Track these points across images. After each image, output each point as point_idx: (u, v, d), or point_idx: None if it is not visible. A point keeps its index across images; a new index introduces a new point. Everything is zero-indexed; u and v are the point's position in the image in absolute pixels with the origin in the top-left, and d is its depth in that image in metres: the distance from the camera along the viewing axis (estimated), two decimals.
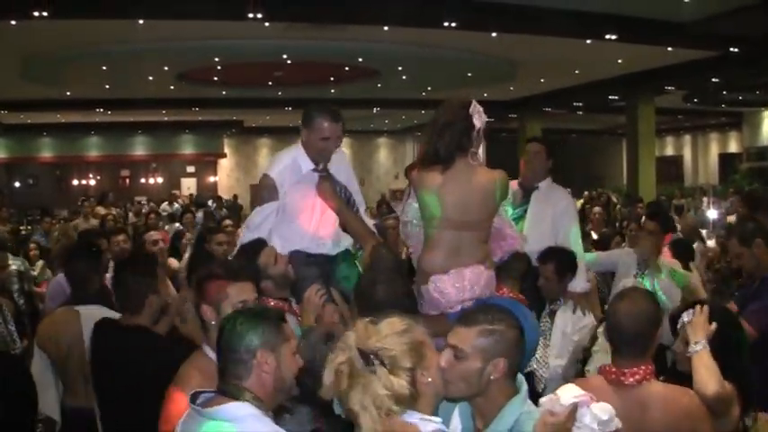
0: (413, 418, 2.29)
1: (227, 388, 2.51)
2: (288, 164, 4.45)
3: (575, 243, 5.52)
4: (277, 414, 2.68)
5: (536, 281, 5.10)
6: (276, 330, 2.55)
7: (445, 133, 4.11)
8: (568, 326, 5.07)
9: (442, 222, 4.13)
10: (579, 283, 5.23)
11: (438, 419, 2.36)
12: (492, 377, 2.54)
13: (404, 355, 2.31)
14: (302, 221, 4.36)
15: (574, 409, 2.42)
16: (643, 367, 2.93)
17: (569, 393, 2.46)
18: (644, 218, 6.46)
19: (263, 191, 4.49)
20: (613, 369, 2.97)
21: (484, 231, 4.25)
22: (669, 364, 4.11)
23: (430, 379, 2.39)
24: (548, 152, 5.67)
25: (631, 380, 2.91)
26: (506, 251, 4.65)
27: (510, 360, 2.57)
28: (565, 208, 5.64)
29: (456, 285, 4.04)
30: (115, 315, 4.07)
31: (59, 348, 4.29)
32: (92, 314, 4.15)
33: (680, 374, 3.30)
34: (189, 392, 2.73)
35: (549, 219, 5.47)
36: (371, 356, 2.29)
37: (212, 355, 2.95)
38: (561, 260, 5.10)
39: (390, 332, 2.34)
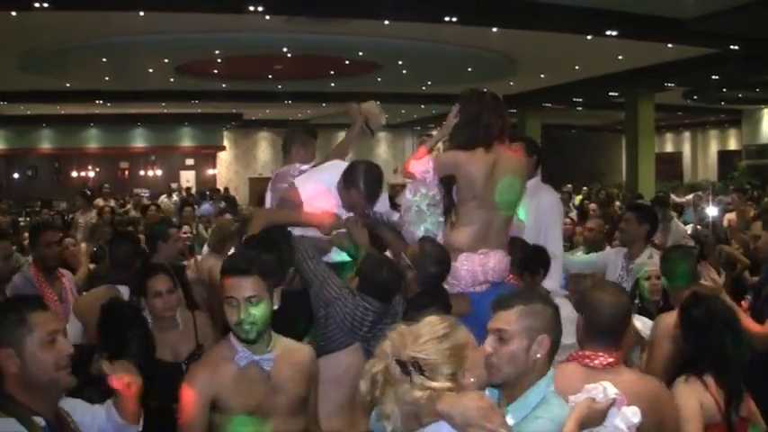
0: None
1: None
2: (324, 189, 4.43)
3: (556, 242, 5.51)
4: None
5: None
6: (15, 324, 2.35)
7: (481, 120, 4.37)
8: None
9: (478, 202, 4.36)
10: (549, 283, 5.13)
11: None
12: (538, 355, 2.62)
13: (444, 362, 2.24)
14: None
15: (612, 403, 2.51)
16: (615, 354, 3.04)
17: (612, 389, 2.56)
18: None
19: (285, 203, 4.45)
20: (587, 353, 3.05)
21: (511, 213, 4.54)
22: None
23: (473, 379, 2.32)
24: (529, 149, 5.53)
25: (605, 363, 2.98)
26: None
27: (552, 336, 2.68)
28: (549, 207, 5.60)
29: (484, 265, 4.23)
30: None
31: None
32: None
33: None
34: (196, 389, 3.02)
35: (532, 216, 5.44)
36: (409, 365, 2.22)
37: (233, 341, 3.13)
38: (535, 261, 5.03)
39: (430, 338, 2.26)
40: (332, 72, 19.50)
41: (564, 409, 2.55)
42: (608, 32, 12.98)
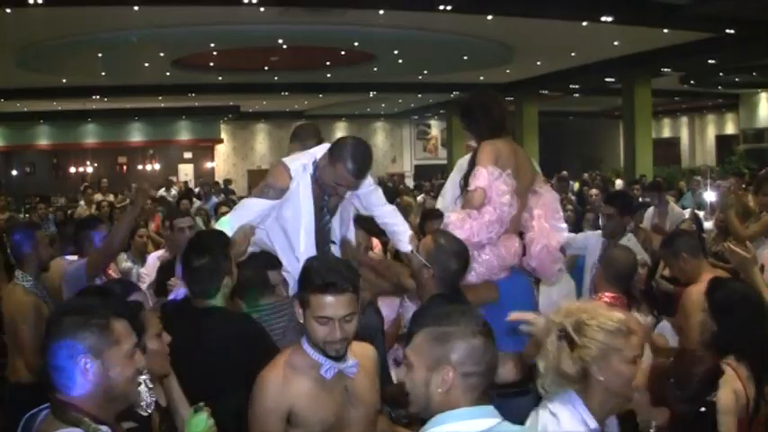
0: (557, 406, 2.38)
1: (54, 408, 2.23)
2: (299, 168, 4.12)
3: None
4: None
5: None
6: (102, 333, 2.23)
7: (492, 110, 4.51)
8: (553, 294, 5.33)
9: None
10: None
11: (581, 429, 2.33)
12: (439, 390, 2.17)
13: (590, 351, 2.34)
14: (291, 242, 4.13)
15: None
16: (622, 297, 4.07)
17: None
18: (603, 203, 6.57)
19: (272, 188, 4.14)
20: (608, 294, 3.99)
21: (525, 198, 4.54)
22: None
23: (602, 378, 2.34)
24: None
25: (618, 303, 3.83)
26: None
27: (462, 370, 2.17)
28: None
29: (508, 251, 4.33)
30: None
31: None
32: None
33: None
34: (271, 403, 2.85)
35: None
36: (562, 333, 2.37)
37: (311, 351, 2.89)
38: None
39: (599, 327, 2.37)
40: (328, 63, 19.48)
41: None
42: (604, 18, 12.97)
